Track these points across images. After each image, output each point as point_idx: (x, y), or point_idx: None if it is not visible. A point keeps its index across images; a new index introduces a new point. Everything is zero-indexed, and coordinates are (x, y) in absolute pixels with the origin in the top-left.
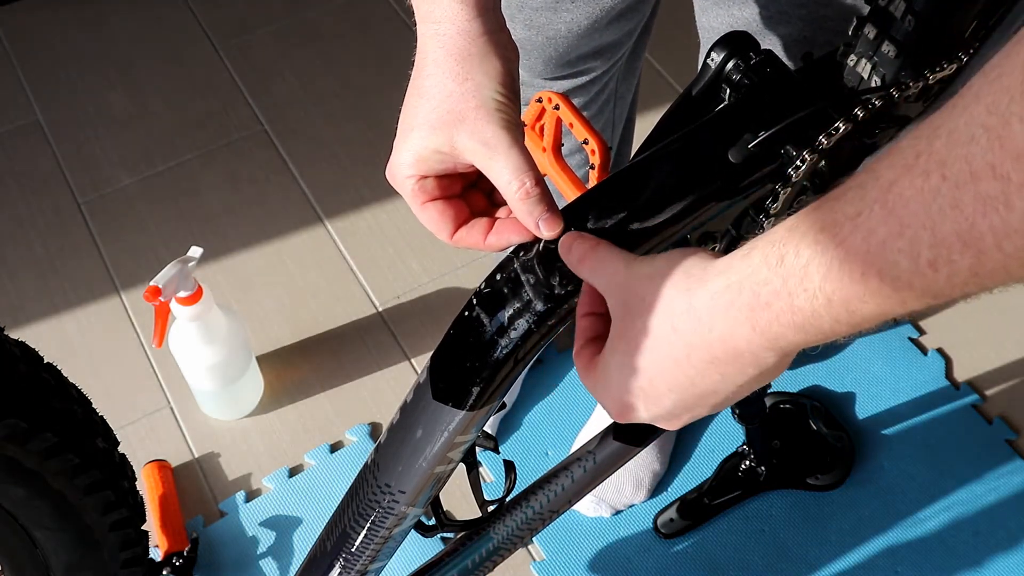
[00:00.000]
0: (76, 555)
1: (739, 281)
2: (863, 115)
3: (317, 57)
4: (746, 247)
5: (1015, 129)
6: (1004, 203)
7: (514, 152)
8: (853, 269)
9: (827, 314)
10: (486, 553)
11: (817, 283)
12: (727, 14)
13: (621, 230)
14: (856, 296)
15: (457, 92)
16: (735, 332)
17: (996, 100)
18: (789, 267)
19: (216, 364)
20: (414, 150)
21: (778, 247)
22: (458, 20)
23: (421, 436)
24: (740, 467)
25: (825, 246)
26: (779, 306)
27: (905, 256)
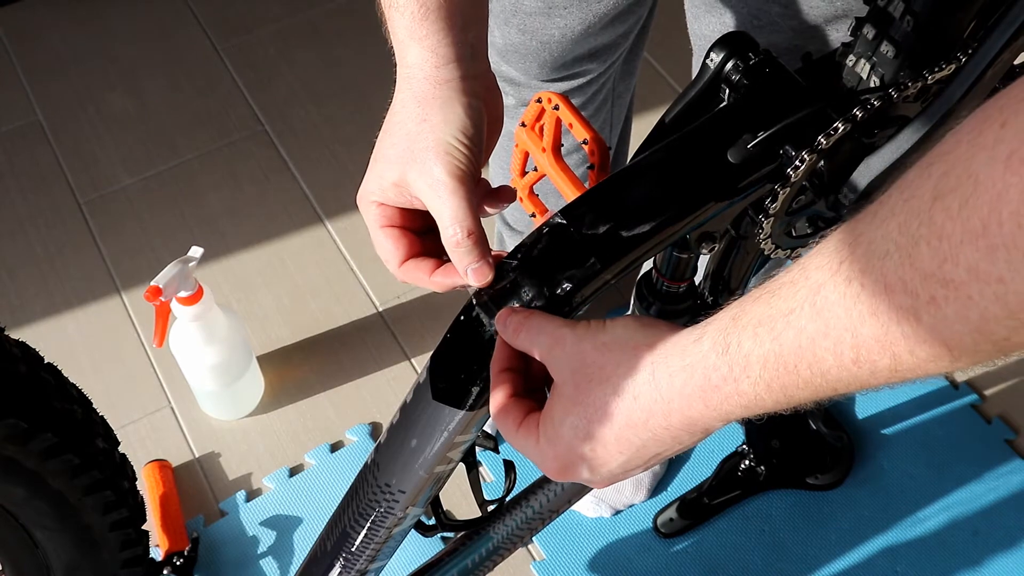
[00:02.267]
0: (76, 555)
1: (692, 364)
2: (862, 115)
3: (317, 57)
4: (698, 329)
5: (922, 251)
6: (914, 316)
7: (454, 199)
8: (787, 362)
9: (768, 398)
10: (486, 553)
11: (757, 372)
12: (718, 21)
13: (620, 230)
14: (792, 384)
15: (414, 132)
16: (691, 406)
17: (907, 220)
18: (733, 356)
19: (217, 364)
20: (376, 180)
21: (724, 336)
22: (425, 67)
23: (421, 436)
24: (740, 467)
25: (762, 340)
26: (727, 389)
27: (831, 354)
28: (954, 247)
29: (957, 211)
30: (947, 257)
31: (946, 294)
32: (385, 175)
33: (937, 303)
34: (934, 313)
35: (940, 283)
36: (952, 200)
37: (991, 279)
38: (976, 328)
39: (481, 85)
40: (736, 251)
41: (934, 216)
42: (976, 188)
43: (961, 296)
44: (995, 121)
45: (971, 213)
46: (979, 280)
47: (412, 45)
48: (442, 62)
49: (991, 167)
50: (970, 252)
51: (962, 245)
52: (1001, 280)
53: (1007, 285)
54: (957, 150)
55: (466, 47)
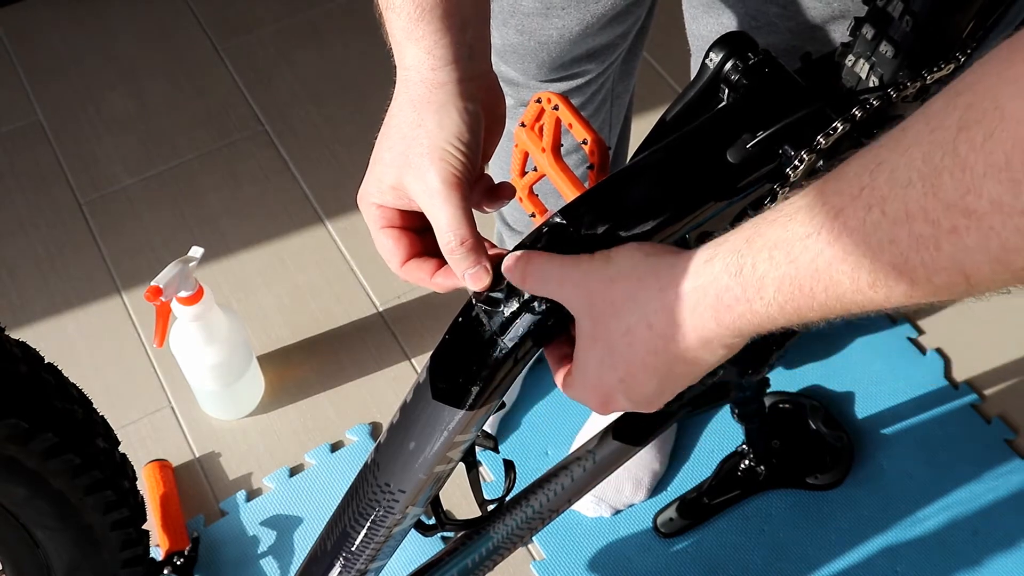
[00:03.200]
0: (77, 555)
1: (704, 285)
2: (861, 115)
3: (317, 57)
4: (709, 250)
5: (945, 181)
6: (934, 244)
7: (448, 206)
8: (803, 285)
9: (781, 317)
10: (486, 552)
11: (771, 294)
12: (716, 22)
13: (620, 230)
14: (806, 306)
15: (410, 137)
16: (704, 325)
17: (931, 151)
18: (747, 277)
19: (217, 364)
20: (375, 183)
21: (737, 257)
22: (422, 69)
23: (421, 435)
24: (739, 467)
25: (778, 263)
26: (739, 309)
27: (847, 277)
28: (977, 179)
29: (981, 143)
30: (970, 189)
31: (968, 224)
32: (383, 178)
33: (959, 233)
34: (955, 242)
35: (962, 213)
36: (977, 132)
37: (1014, 212)
38: (996, 258)
39: (479, 87)
40: None
41: (958, 147)
42: (1002, 121)
43: (983, 227)
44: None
45: (995, 146)
46: (1001, 212)
47: (409, 46)
48: (439, 64)
49: (1017, 101)
50: (993, 185)
51: (985, 178)
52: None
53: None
54: (984, 81)
55: (464, 47)
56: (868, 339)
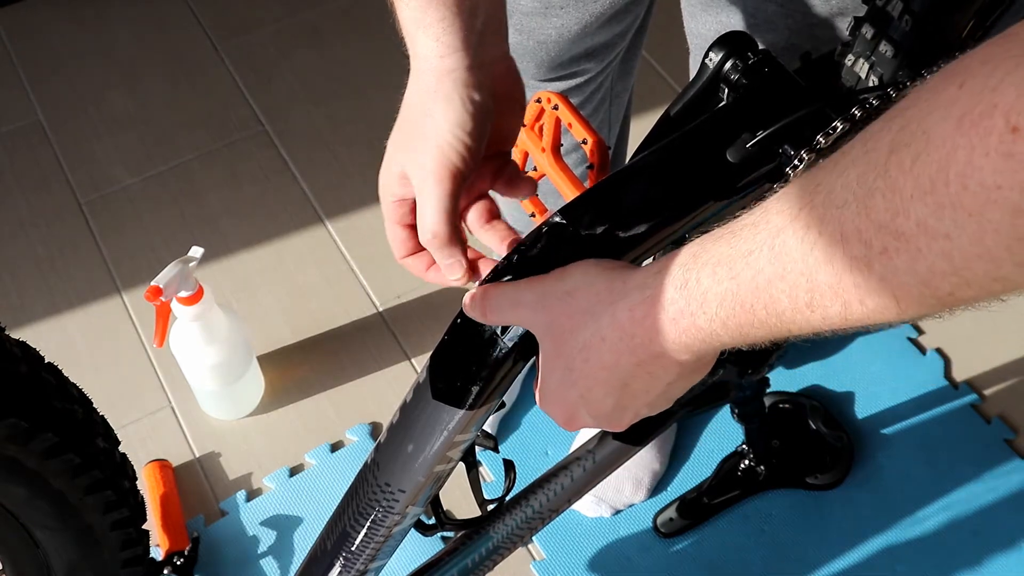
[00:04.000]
0: (77, 555)
1: (652, 296)
2: (861, 115)
3: (317, 57)
4: (660, 263)
5: (877, 202)
6: (867, 265)
7: (434, 197)
8: (744, 301)
9: (725, 334)
10: (486, 552)
11: (714, 309)
12: (715, 20)
13: (619, 230)
14: (747, 323)
15: (416, 125)
16: (653, 338)
17: (865, 172)
18: (691, 291)
19: (217, 364)
20: (387, 171)
21: (683, 271)
22: (431, 57)
23: (421, 435)
24: (739, 466)
25: (720, 278)
26: (684, 323)
27: (786, 296)
28: (905, 201)
29: (910, 166)
30: (899, 210)
31: (897, 246)
32: (392, 166)
33: (888, 254)
34: (885, 264)
35: (892, 235)
36: (906, 155)
37: (938, 235)
38: (923, 281)
39: (490, 73)
40: None
41: (889, 169)
42: (928, 145)
43: (911, 248)
44: (954, 81)
45: (922, 170)
46: (927, 235)
47: (418, 34)
48: (447, 51)
49: (943, 125)
50: (920, 207)
51: (912, 200)
52: (947, 236)
53: (952, 241)
54: (916, 105)
55: (473, 34)
56: (868, 339)
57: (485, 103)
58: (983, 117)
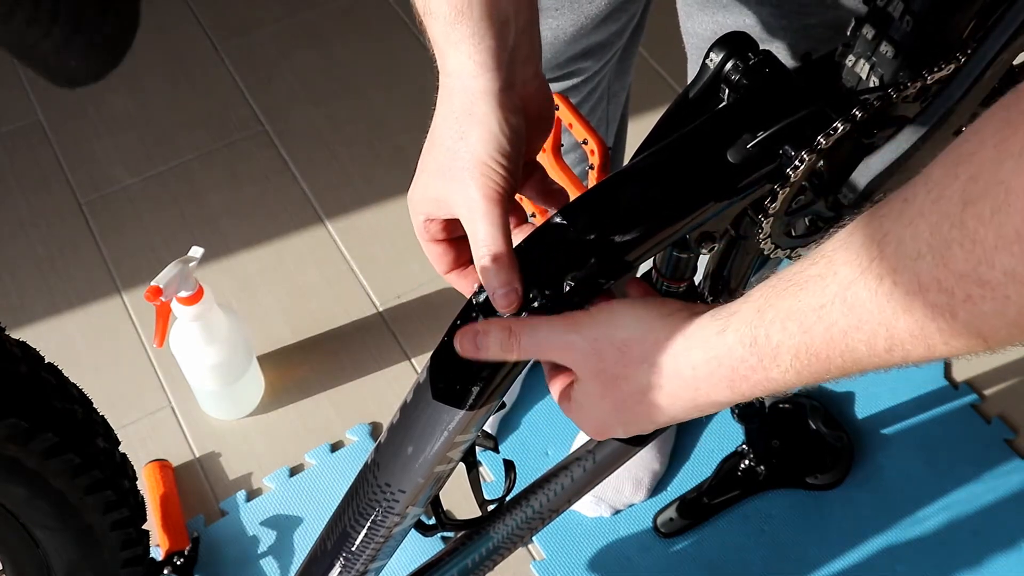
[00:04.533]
0: (77, 554)
1: (718, 356)
2: (861, 115)
3: (317, 57)
4: (721, 320)
5: (956, 253)
6: (950, 312)
7: (485, 222)
8: (819, 353)
9: (798, 381)
10: (486, 552)
11: (788, 362)
12: (711, 20)
13: (620, 231)
14: (823, 371)
15: (452, 149)
16: (719, 392)
17: (938, 223)
18: (762, 348)
19: (217, 364)
20: (421, 191)
21: (750, 328)
22: (464, 76)
23: (421, 436)
24: (739, 466)
25: (792, 333)
26: (756, 378)
27: (864, 344)
28: (988, 251)
29: (989, 217)
30: (982, 260)
31: (983, 293)
32: (428, 189)
33: (973, 301)
34: (970, 309)
35: (976, 283)
36: (983, 206)
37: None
38: (1013, 323)
39: (522, 94)
40: (736, 251)
41: (966, 220)
42: (1008, 196)
43: (998, 296)
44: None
45: (1004, 220)
46: (1016, 282)
47: (448, 51)
48: (480, 71)
49: (1020, 178)
50: (1005, 257)
51: (997, 250)
52: None
53: None
54: (982, 152)
55: (504, 52)
56: None
57: (519, 125)
58: None
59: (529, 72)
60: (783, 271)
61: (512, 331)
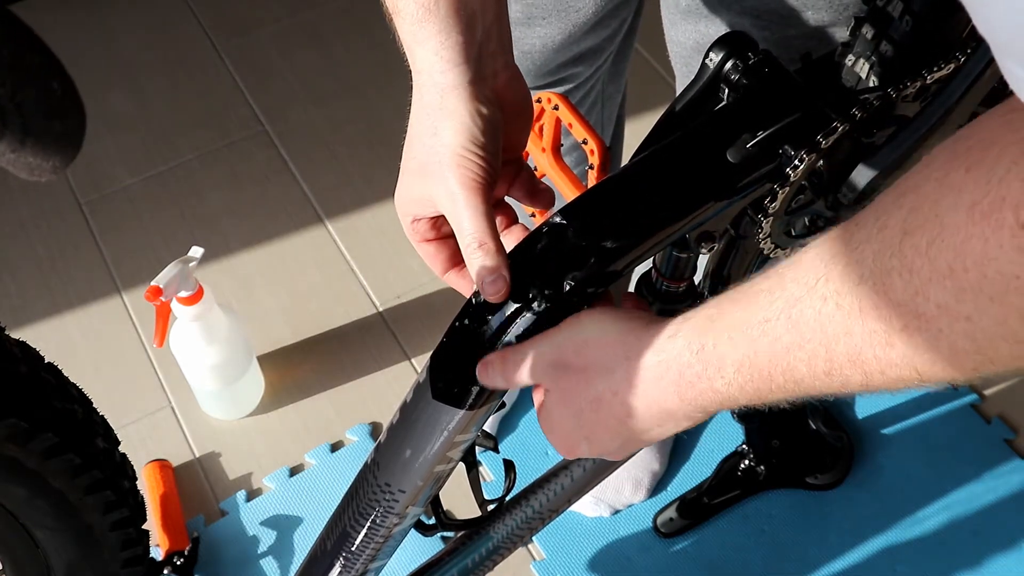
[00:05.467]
0: (77, 554)
1: (667, 360)
2: (861, 115)
3: (317, 57)
4: (675, 325)
5: (895, 282)
6: (886, 340)
7: (468, 211)
8: (761, 368)
9: (742, 397)
10: (486, 552)
11: (731, 374)
12: (694, 30)
13: (620, 230)
14: (764, 388)
15: (428, 146)
16: (667, 399)
17: (881, 250)
18: (708, 356)
19: (217, 364)
20: (405, 192)
21: (699, 336)
22: (433, 72)
23: (421, 436)
24: (739, 466)
25: (737, 344)
26: (701, 387)
27: (804, 364)
28: (924, 283)
29: (925, 249)
30: (918, 291)
31: (918, 325)
32: (411, 189)
33: (909, 332)
34: (906, 341)
35: (912, 314)
36: (920, 238)
37: (959, 317)
38: (946, 358)
39: (495, 84)
40: (735, 250)
41: (904, 250)
42: (942, 231)
43: (932, 328)
44: (961, 164)
45: (937, 254)
46: (948, 316)
47: (416, 50)
48: (447, 66)
49: (955, 213)
50: (938, 290)
51: (930, 283)
52: (969, 319)
53: (974, 323)
54: (925, 186)
55: (472, 47)
56: None
57: (493, 115)
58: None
59: (499, 64)
60: (740, 284)
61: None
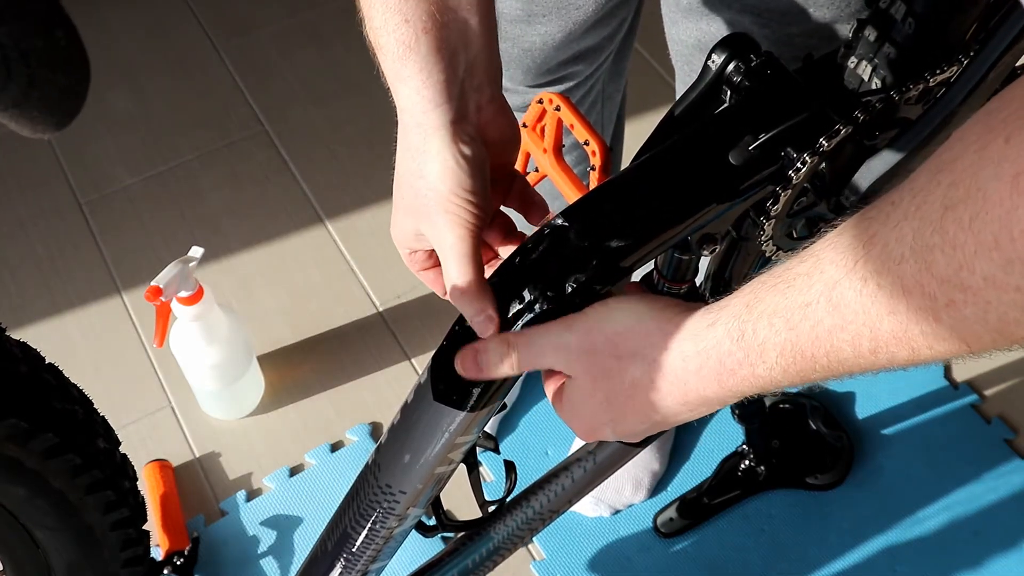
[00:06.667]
0: (77, 555)
1: (707, 349)
2: (863, 117)
3: (317, 57)
4: (712, 314)
5: (938, 258)
6: (933, 316)
7: (453, 257)
8: (804, 351)
9: (784, 380)
10: (486, 553)
11: (773, 359)
12: (695, 28)
13: (622, 232)
14: (808, 370)
15: (415, 188)
16: (707, 387)
17: (920, 227)
18: (749, 343)
19: (217, 364)
20: (399, 227)
21: (739, 323)
22: (415, 112)
23: (422, 437)
24: (740, 467)
25: (779, 329)
26: (743, 373)
27: (848, 344)
28: (968, 257)
29: (968, 223)
30: (962, 265)
31: (964, 298)
32: (404, 226)
33: (956, 305)
34: (953, 314)
35: (958, 288)
36: (963, 212)
37: (1008, 287)
38: (995, 328)
39: (476, 123)
40: (737, 253)
41: (946, 226)
42: (985, 204)
43: (979, 301)
44: (999, 134)
45: (982, 227)
46: (996, 288)
47: (399, 87)
48: (429, 106)
49: (998, 184)
50: (985, 263)
51: (976, 256)
52: (1018, 289)
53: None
54: (963, 159)
55: (454, 85)
56: None
57: (477, 153)
58: None
59: (484, 98)
60: (775, 267)
61: (510, 344)
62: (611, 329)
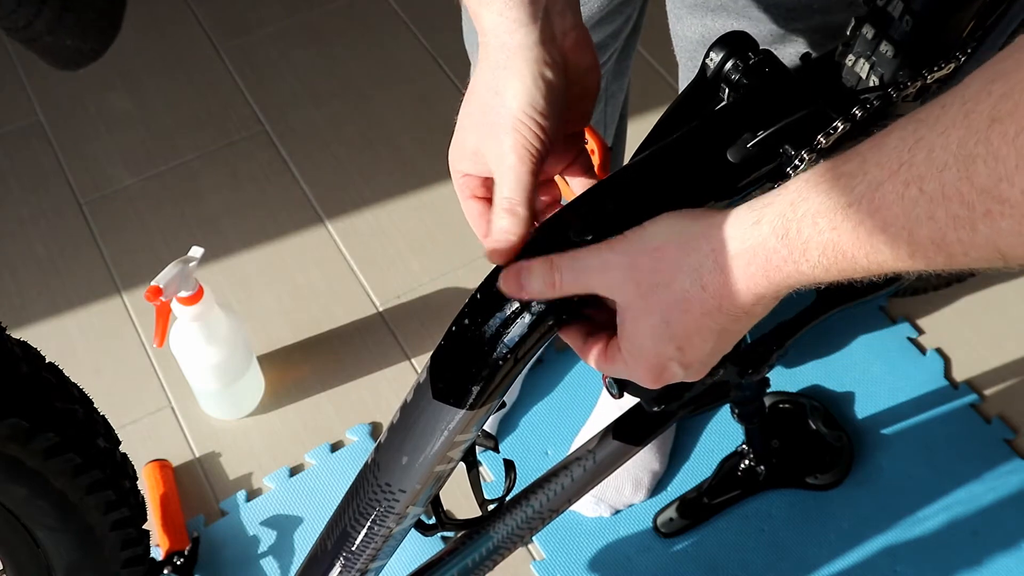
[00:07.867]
0: (77, 554)
1: (754, 246)
2: (861, 115)
3: (317, 57)
4: (755, 212)
5: (979, 168)
6: (970, 224)
7: (511, 176)
8: (845, 251)
9: (827, 278)
10: (486, 552)
11: (816, 257)
12: (700, 24)
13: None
14: (849, 269)
15: (487, 103)
16: (757, 283)
17: (966, 136)
18: (793, 241)
19: (217, 364)
20: (458, 146)
21: (783, 221)
22: (499, 33)
23: (421, 436)
24: (739, 466)
25: (822, 229)
26: (788, 269)
27: (887, 247)
28: (1010, 170)
29: (1012, 138)
30: (1003, 177)
31: (1002, 210)
32: (465, 142)
33: (993, 216)
34: (990, 225)
35: (996, 200)
36: (1009, 125)
37: None
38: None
39: (559, 49)
40: None
41: (991, 137)
42: None
43: (1016, 214)
44: None
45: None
46: None
47: (482, 12)
48: (514, 27)
49: None
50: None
51: (1017, 170)
52: None
53: None
54: (1017, 73)
55: (538, 7)
56: (868, 339)
57: (557, 81)
58: None
59: (568, 23)
60: (820, 165)
61: (554, 264)
62: (653, 245)
